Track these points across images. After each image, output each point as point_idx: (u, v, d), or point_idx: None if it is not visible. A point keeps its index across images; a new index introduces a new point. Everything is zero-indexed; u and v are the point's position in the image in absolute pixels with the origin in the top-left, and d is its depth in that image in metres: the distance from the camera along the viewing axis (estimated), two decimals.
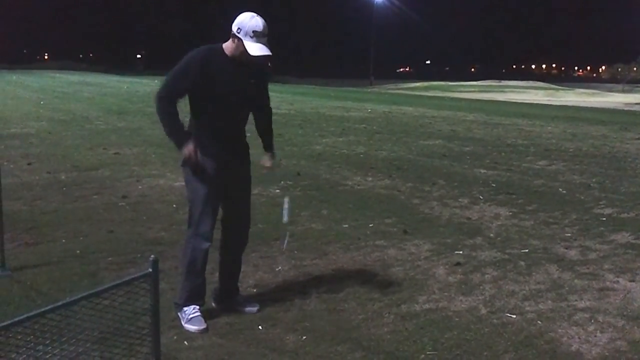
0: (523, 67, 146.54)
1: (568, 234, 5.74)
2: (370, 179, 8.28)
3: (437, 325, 3.67)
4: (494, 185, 8.01)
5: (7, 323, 1.87)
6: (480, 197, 7.31)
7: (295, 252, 5.01)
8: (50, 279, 4.21)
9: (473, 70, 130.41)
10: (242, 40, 3.45)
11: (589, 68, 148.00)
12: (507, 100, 35.63)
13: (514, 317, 3.82)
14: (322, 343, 3.41)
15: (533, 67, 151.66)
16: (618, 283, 4.46)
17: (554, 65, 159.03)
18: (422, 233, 5.66)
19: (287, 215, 3.87)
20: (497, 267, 4.76)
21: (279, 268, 4.62)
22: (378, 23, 78.08)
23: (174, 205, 6.37)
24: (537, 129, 15.86)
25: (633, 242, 5.55)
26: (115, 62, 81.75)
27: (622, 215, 6.54)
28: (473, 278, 4.50)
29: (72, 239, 5.17)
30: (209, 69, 3.48)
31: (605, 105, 32.68)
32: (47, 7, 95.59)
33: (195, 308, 3.60)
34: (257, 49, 3.43)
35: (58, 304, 2.02)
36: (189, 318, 3.55)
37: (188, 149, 3.44)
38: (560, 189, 7.90)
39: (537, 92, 53.03)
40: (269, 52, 3.45)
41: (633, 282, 4.49)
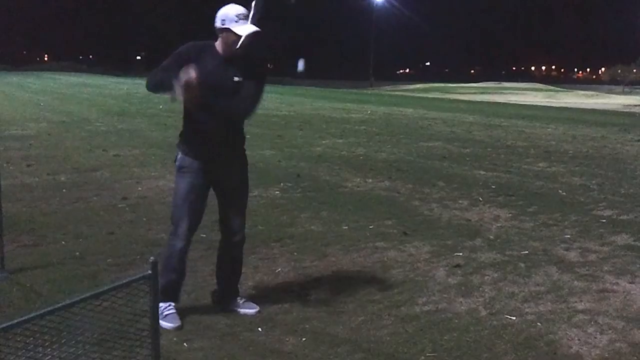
0: (523, 68, 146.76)
1: (568, 236, 5.74)
2: (370, 181, 8.28)
3: (436, 327, 3.67)
4: (494, 187, 8.02)
5: (6, 325, 1.87)
6: (480, 198, 7.31)
7: (295, 253, 5.01)
8: (50, 281, 4.21)
9: (473, 72, 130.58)
10: (229, 29, 3.47)
11: (589, 70, 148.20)
12: (506, 102, 35.67)
13: (514, 318, 3.82)
14: (321, 345, 3.41)
15: (533, 68, 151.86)
16: (618, 285, 4.46)
17: (554, 67, 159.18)
18: (421, 235, 5.66)
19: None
20: (496, 268, 4.76)
21: (279, 270, 4.62)
22: (378, 25, 78.25)
23: None
24: (536, 131, 15.87)
25: (633, 243, 5.55)
26: (115, 63, 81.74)
27: (621, 217, 6.54)
28: (473, 280, 4.50)
29: (71, 241, 5.16)
30: (199, 61, 3.49)
31: (605, 107, 32.70)
32: (47, 7, 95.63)
33: (171, 305, 3.65)
34: (246, 29, 3.47)
35: (57, 306, 2.02)
36: (164, 315, 3.58)
37: (184, 73, 3.33)
38: (560, 191, 7.90)
39: (536, 93, 53.06)
40: (256, 28, 3.49)
41: (633, 283, 4.49)
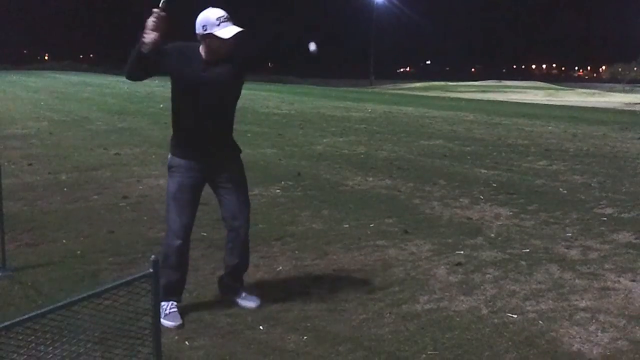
0: (523, 67, 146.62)
1: (569, 234, 5.74)
2: (371, 179, 8.28)
3: (438, 325, 3.67)
4: (495, 185, 8.01)
5: (7, 323, 1.87)
6: (481, 197, 7.31)
7: (296, 252, 5.01)
8: (51, 279, 4.21)
9: (473, 71, 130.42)
10: (212, 34, 3.46)
11: (589, 68, 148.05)
12: (507, 100, 35.62)
13: (515, 317, 3.82)
14: (323, 343, 3.41)
15: (533, 67, 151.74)
16: (619, 283, 4.46)
17: (554, 65, 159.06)
18: (422, 233, 5.66)
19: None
20: (498, 267, 4.76)
21: (280, 268, 4.63)
22: (378, 23, 78.23)
23: None
24: (537, 129, 15.86)
25: (634, 241, 5.54)
26: (116, 62, 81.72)
27: (622, 215, 6.53)
28: (474, 278, 4.50)
29: (72, 239, 5.17)
30: (182, 59, 3.53)
31: (606, 105, 32.66)
32: (47, 7, 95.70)
33: (173, 304, 3.67)
34: (228, 32, 3.45)
35: (59, 304, 2.02)
36: (166, 313, 3.60)
37: (144, 31, 3.36)
38: (561, 189, 7.90)
39: (537, 92, 52.99)
40: (239, 28, 3.47)
41: (634, 281, 4.49)
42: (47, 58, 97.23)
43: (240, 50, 3.62)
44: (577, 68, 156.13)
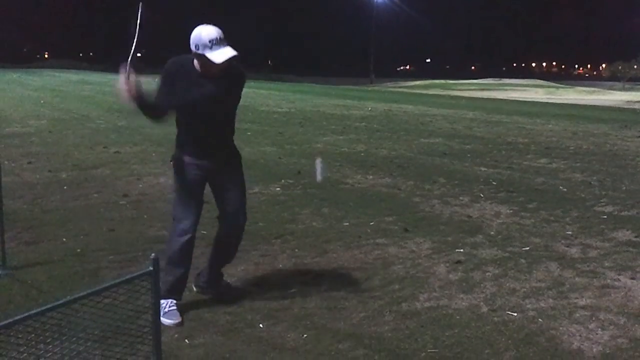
0: (523, 65, 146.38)
1: (569, 232, 5.74)
2: (371, 177, 8.27)
3: (438, 323, 3.67)
4: (495, 184, 8.01)
5: (7, 322, 1.87)
6: (481, 195, 7.31)
7: (296, 250, 5.01)
8: (51, 278, 4.22)
9: (473, 69, 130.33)
10: (204, 55, 3.46)
11: (589, 66, 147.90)
12: (507, 99, 35.61)
13: (515, 315, 3.82)
14: (323, 341, 3.42)
15: (533, 65, 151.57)
16: (619, 281, 4.46)
17: (554, 63, 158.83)
18: (422, 231, 5.66)
19: (320, 175, 3.93)
20: (497, 265, 4.76)
21: (280, 266, 4.63)
22: (378, 21, 78.13)
23: None
24: (537, 127, 15.85)
25: (634, 239, 5.54)
26: (116, 61, 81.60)
27: (622, 213, 6.54)
28: (474, 276, 4.50)
29: (72, 238, 5.17)
30: (178, 76, 3.60)
31: (606, 103, 32.66)
32: (47, 5, 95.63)
33: (173, 302, 3.68)
34: (220, 56, 3.45)
35: (59, 303, 2.02)
36: (165, 311, 3.60)
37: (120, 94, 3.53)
38: (561, 187, 7.90)
39: (537, 90, 52.96)
40: (234, 52, 3.47)
41: (634, 279, 4.49)
42: (47, 56, 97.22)
43: (240, 71, 3.68)
44: (577, 66, 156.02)
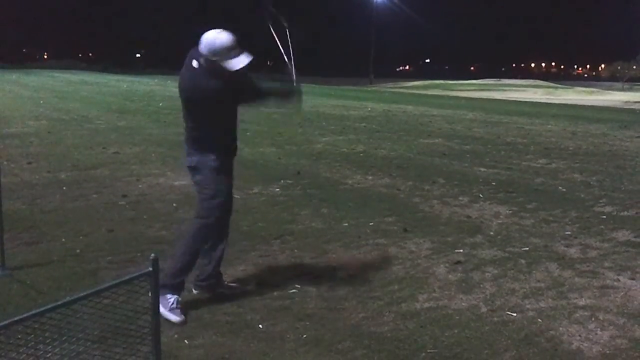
0: (522, 65, 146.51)
1: (568, 232, 5.74)
2: (370, 178, 8.27)
3: (437, 324, 3.67)
4: (494, 184, 8.01)
5: (7, 322, 1.87)
6: (481, 195, 7.31)
7: (295, 250, 5.01)
8: (50, 278, 4.21)
9: (472, 69, 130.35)
10: (223, 64, 3.50)
11: (589, 66, 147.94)
12: (506, 99, 35.62)
13: (515, 315, 3.82)
14: (322, 341, 3.41)
15: (532, 65, 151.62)
16: (618, 281, 4.46)
17: (554, 64, 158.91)
18: (422, 231, 5.66)
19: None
20: (497, 265, 4.76)
21: (279, 266, 4.62)
22: (378, 22, 78.14)
23: (174, 204, 6.36)
24: (536, 128, 15.86)
25: (633, 240, 5.55)
26: (115, 61, 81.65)
27: (622, 214, 6.54)
28: (473, 276, 4.50)
29: (72, 238, 5.17)
30: (184, 71, 3.68)
31: (605, 104, 32.68)
32: (46, 6, 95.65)
33: (178, 299, 3.69)
34: (239, 62, 3.51)
35: (58, 303, 2.02)
36: (172, 307, 3.61)
37: None
38: (560, 187, 7.90)
39: (536, 90, 52.98)
40: (250, 56, 3.52)
41: (633, 280, 4.49)
42: (46, 57, 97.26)
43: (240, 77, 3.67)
44: (576, 66, 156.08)
